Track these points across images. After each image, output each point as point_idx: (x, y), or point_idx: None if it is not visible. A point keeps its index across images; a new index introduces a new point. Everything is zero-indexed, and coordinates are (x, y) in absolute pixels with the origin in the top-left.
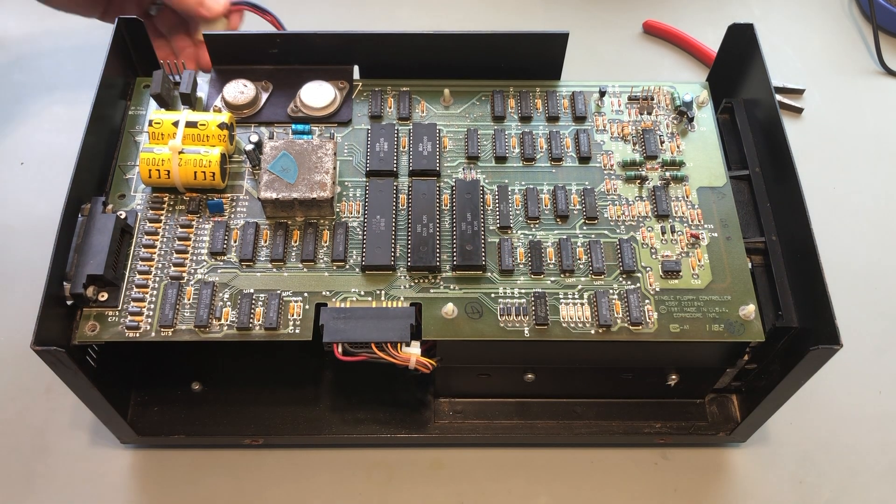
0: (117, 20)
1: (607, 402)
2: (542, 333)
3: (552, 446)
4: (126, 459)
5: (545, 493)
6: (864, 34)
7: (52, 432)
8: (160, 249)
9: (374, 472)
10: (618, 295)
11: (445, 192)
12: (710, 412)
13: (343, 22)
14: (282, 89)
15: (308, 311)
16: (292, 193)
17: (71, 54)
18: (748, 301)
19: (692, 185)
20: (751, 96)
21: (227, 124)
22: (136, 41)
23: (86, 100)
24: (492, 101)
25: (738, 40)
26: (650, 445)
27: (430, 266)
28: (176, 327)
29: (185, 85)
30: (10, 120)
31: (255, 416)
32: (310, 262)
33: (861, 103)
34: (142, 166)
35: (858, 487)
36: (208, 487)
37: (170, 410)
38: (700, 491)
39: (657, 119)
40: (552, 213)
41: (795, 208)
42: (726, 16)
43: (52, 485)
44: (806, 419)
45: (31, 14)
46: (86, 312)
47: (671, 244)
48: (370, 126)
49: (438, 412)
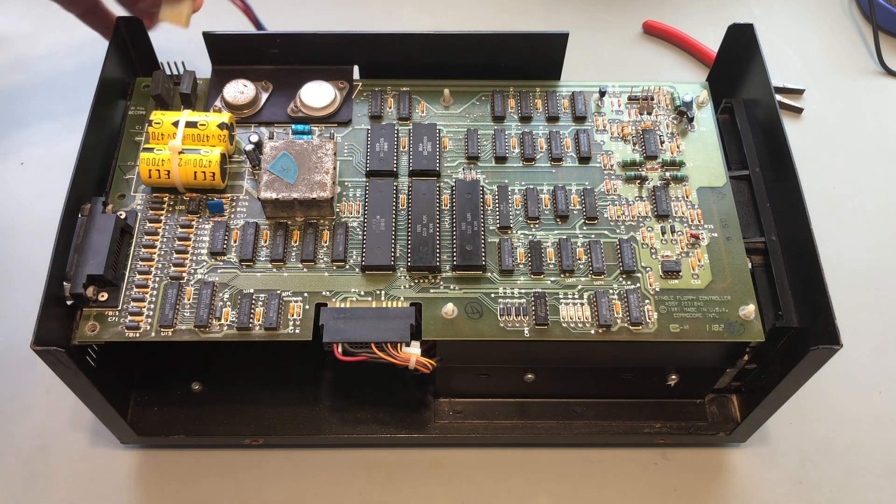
0: (117, 20)
1: (607, 402)
2: (542, 333)
3: (552, 446)
4: (126, 459)
5: (545, 493)
6: (864, 34)
7: (52, 432)
8: (160, 249)
9: (374, 472)
10: (618, 295)
11: (445, 192)
12: (710, 412)
13: (343, 22)
14: (282, 89)
15: (308, 311)
16: (292, 193)
17: (71, 54)
18: (748, 301)
19: (692, 185)
20: (751, 96)
21: (227, 124)
22: (136, 41)
23: (86, 100)
24: (492, 101)
25: (738, 40)
26: (650, 445)
27: (430, 266)
28: (176, 327)
29: (185, 85)
30: (10, 120)
31: (255, 416)
32: (310, 262)
33: (861, 103)
34: (142, 166)
35: (858, 487)
36: (208, 487)
37: (170, 410)
38: (700, 491)
39: (657, 119)
40: (552, 213)
41: (795, 208)
42: (726, 16)
43: (52, 485)
44: (806, 419)
45: (31, 14)
46: (86, 312)
47: (671, 244)
48: (370, 126)
49: (438, 412)
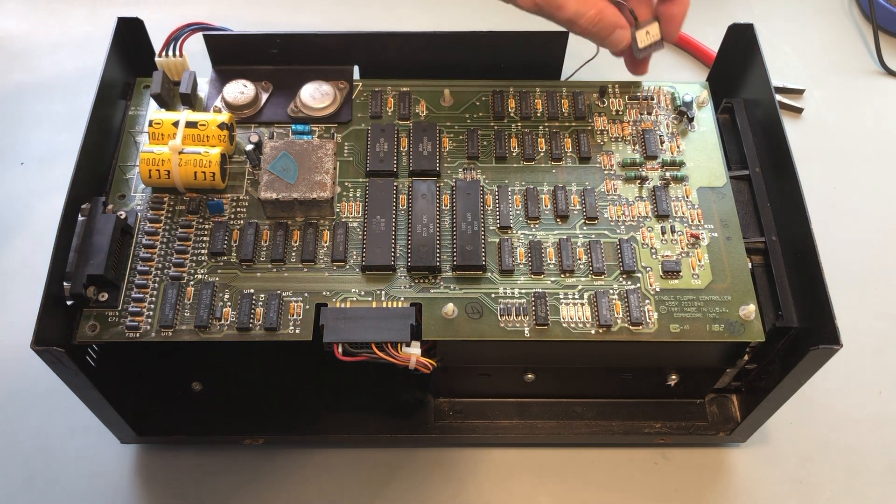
0: (117, 20)
1: (607, 402)
2: (542, 333)
3: (552, 446)
4: (126, 459)
5: (545, 493)
6: (864, 34)
7: (52, 432)
8: (160, 250)
9: (374, 472)
10: (618, 295)
11: (445, 192)
12: (710, 412)
13: (343, 22)
14: (282, 89)
15: (308, 311)
16: (292, 193)
17: (71, 54)
18: (748, 301)
19: (692, 185)
20: (751, 96)
21: (227, 124)
22: (136, 41)
23: (86, 100)
24: (492, 101)
25: (738, 40)
26: (650, 445)
27: (430, 266)
28: (176, 328)
29: (185, 85)
30: (10, 120)
31: (255, 416)
32: (310, 262)
33: (861, 103)
34: (142, 166)
35: (858, 487)
36: (208, 487)
37: (170, 410)
38: (700, 491)
39: (657, 119)
40: (552, 213)
41: (795, 208)
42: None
43: (52, 485)
44: (806, 419)
45: (31, 14)
46: (86, 312)
47: (671, 244)
48: (370, 126)
49: (438, 412)
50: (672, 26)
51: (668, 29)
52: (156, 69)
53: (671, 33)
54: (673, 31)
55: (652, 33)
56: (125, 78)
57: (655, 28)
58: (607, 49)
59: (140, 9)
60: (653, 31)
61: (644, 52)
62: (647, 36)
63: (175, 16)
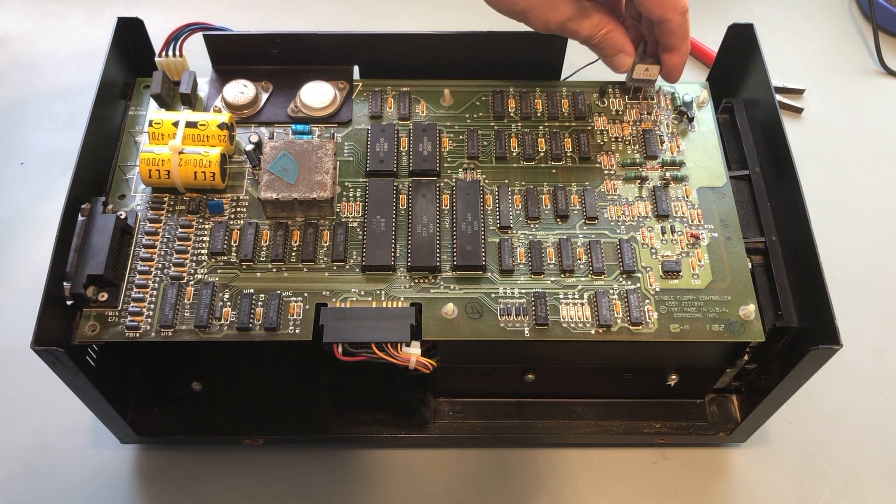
0: (117, 20)
1: (607, 402)
2: (542, 333)
3: (552, 446)
4: (126, 459)
5: (545, 493)
6: (864, 34)
7: (52, 432)
8: (160, 249)
9: (374, 472)
10: (618, 295)
11: (445, 192)
12: (710, 412)
13: (343, 22)
14: (282, 89)
15: (308, 311)
16: (292, 193)
17: (71, 54)
18: (748, 301)
19: (692, 185)
20: (751, 96)
21: (227, 124)
22: (136, 41)
23: (86, 100)
24: (492, 101)
25: (738, 40)
26: (650, 445)
27: (430, 266)
28: (176, 327)
29: (185, 85)
30: (10, 120)
31: (255, 416)
32: (310, 262)
33: (861, 103)
34: (142, 166)
35: (858, 487)
36: (208, 487)
37: (170, 410)
38: (700, 491)
39: (657, 119)
40: (552, 213)
41: (795, 208)
42: (726, 16)
43: (52, 485)
44: (806, 419)
45: (31, 14)
46: (86, 312)
47: (671, 244)
48: (370, 126)
49: (438, 412)
50: (672, 74)
51: (666, 75)
52: (156, 69)
53: (668, 79)
54: (671, 78)
55: (651, 73)
56: (125, 78)
57: (655, 70)
58: (609, 68)
59: (140, 9)
60: (652, 71)
61: (635, 82)
62: (645, 72)
63: (175, 16)
